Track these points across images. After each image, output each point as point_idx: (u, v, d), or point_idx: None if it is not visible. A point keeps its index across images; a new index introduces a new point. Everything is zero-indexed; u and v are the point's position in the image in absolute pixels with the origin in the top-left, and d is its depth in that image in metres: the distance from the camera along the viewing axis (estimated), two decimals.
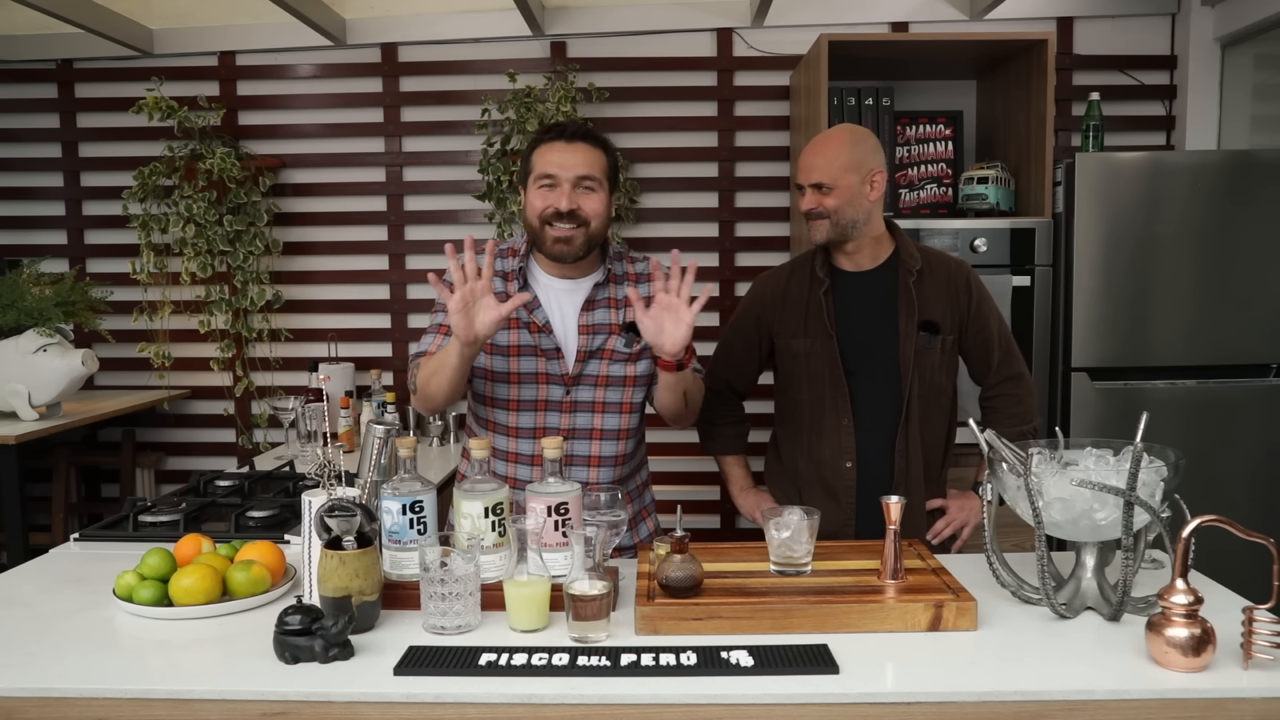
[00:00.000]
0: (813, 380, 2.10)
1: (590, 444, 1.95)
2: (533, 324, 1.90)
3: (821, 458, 2.11)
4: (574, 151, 1.85)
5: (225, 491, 2.32)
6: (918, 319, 2.05)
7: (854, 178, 2.01)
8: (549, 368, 1.91)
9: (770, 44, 3.61)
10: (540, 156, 1.87)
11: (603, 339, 1.92)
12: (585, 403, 1.93)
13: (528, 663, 1.31)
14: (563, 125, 1.90)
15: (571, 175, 1.83)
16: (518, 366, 1.91)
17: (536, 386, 1.91)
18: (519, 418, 1.93)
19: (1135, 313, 3.02)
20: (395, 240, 3.74)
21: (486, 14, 3.59)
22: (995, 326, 2.12)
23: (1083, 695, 1.26)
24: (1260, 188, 2.99)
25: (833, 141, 2.05)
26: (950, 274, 2.09)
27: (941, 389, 2.10)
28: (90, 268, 3.82)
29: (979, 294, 2.10)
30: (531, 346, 1.91)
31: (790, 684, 1.27)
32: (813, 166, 2.04)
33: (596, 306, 1.93)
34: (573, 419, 1.93)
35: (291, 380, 3.74)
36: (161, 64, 3.70)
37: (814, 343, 2.09)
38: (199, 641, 1.44)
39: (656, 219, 3.67)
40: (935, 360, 2.07)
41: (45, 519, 3.78)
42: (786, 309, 2.13)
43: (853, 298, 2.09)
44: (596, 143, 1.89)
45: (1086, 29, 3.59)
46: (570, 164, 1.84)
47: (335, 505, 1.45)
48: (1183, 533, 1.30)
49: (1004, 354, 2.13)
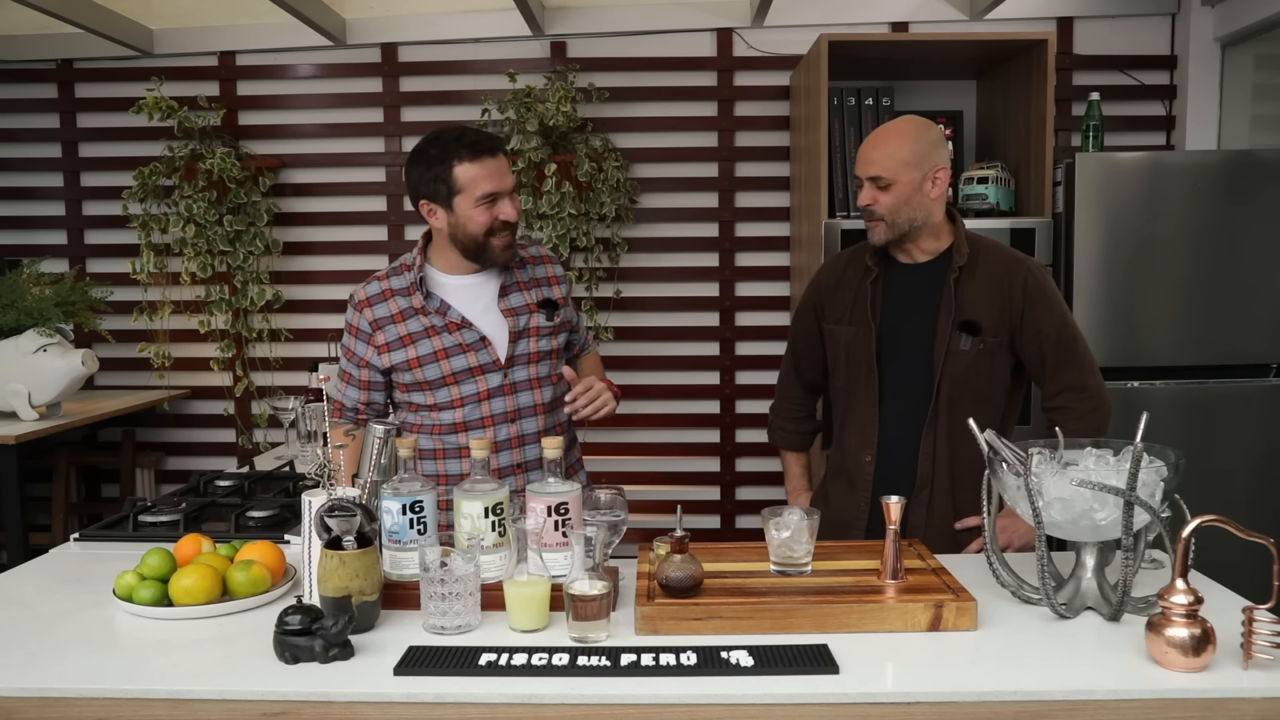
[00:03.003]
0: (849, 369, 2.07)
1: (537, 419, 2.04)
2: (450, 324, 1.98)
3: (846, 448, 2.09)
4: (500, 163, 1.94)
5: (225, 491, 2.32)
6: (955, 317, 1.97)
7: (915, 174, 1.93)
8: (480, 359, 1.99)
9: (770, 44, 3.61)
10: (471, 176, 1.90)
11: (525, 318, 2.03)
12: (523, 381, 2.03)
13: (528, 663, 1.31)
14: (476, 139, 1.92)
15: (509, 186, 1.94)
16: (450, 368, 1.98)
17: (474, 380, 2.00)
18: (465, 412, 2.01)
19: (1135, 313, 3.02)
20: (395, 240, 3.74)
21: (486, 14, 3.59)
22: (1053, 331, 1.96)
23: (1083, 695, 1.26)
24: (1260, 188, 2.98)
25: (895, 134, 1.97)
26: (1006, 272, 1.98)
27: (983, 394, 1.99)
28: (90, 268, 3.82)
29: (1036, 295, 1.96)
30: (457, 345, 1.98)
31: (790, 684, 1.27)
32: (870, 159, 1.96)
33: (511, 291, 2.04)
34: (515, 399, 2.02)
35: (291, 380, 3.74)
36: (161, 64, 3.70)
37: (855, 330, 2.06)
38: (199, 641, 1.44)
39: (656, 219, 3.67)
40: (971, 362, 1.97)
41: (45, 519, 3.78)
42: (839, 294, 2.10)
43: (900, 290, 2.04)
44: (500, 145, 1.97)
45: (1086, 29, 3.59)
46: (504, 176, 1.94)
47: (335, 505, 1.45)
48: (1183, 533, 1.30)
49: (1060, 361, 1.97)
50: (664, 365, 3.74)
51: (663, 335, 3.72)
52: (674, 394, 3.77)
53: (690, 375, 3.75)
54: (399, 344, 1.99)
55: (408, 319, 2.00)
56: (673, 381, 3.76)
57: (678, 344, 3.72)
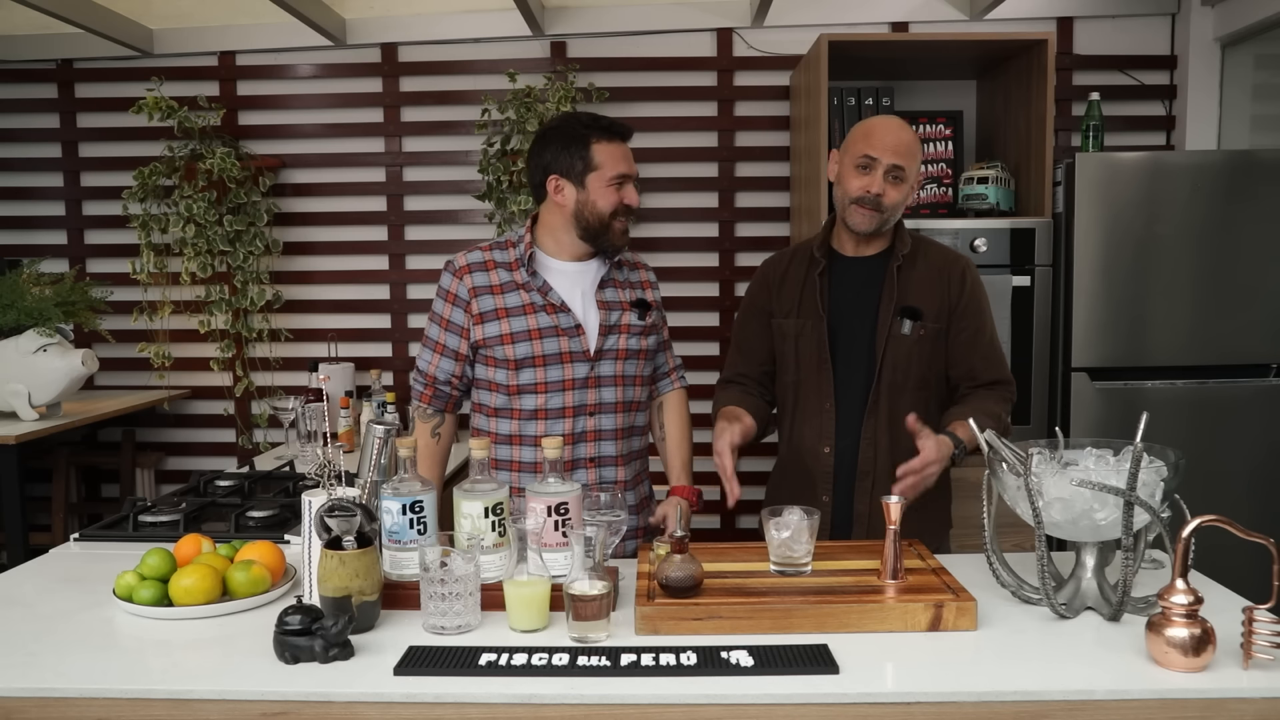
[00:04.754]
0: (800, 362, 2.07)
1: (615, 417, 2.03)
2: (549, 305, 1.97)
3: (802, 442, 2.09)
4: (629, 150, 2.02)
5: (225, 491, 2.32)
6: (897, 303, 2.00)
7: (917, 173, 2.00)
8: (571, 345, 1.97)
9: (770, 44, 3.61)
10: (609, 154, 1.97)
11: (618, 314, 2.02)
12: (609, 377, 2.01)
13: (528, 663, 1.31)
14: (618, 125, 2.00)
15: (636, 173, 2.01)
16: (541, 349, 1.96)
17: (561, 366, 1.97)
18: (546, 399, 1.98)
19: (1135, 313, 3.02)
20: (395, 240, 3.74)
21: (486, 14, 3.59)
22: (986, 327, 2.05)
23: (1083, 695, 1.26)
24: (1260, 188, 2.98)
25: (910, 129, 1.99)
26: (946, 264, 2.04)
27: (923, 381, 2.03)
28: (90, 268, 3.82)
29: (972, 292, 2.04)
30: (552, 327, 1.97)
31: (790, 684, 1.28)
32: (897, 147, 1.95)
33: (608, 285, 2.04)
34: (598, 394, 2.00)
35: (291, 380, 3.74)
36: (161, 64, 3.70)
37: (804, 324, 2.06)
38: (199, 641, 1.44)
39: (656, 219, 3.68)
40: (912, 348, 2.01)
41: (45, 519, 3.77)
42: (784, 289, 2.11)
43: (846, 281, 2.06)
44: (631, 135, 2.04)
45: (1086, 29, 3.59)
46: (633, 162, 2.01)
47: (335, 505, 1.45)
48: (1183, 533, 1.30)
49: (987, 358, 2.04)
50: None
51: None
52: None
53: (690, 375, 3.72)
54: (493, 316, 1.97)
55: (507, 292, 1.98)
56: None
57: (678, 344, 3.66)
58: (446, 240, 3.71)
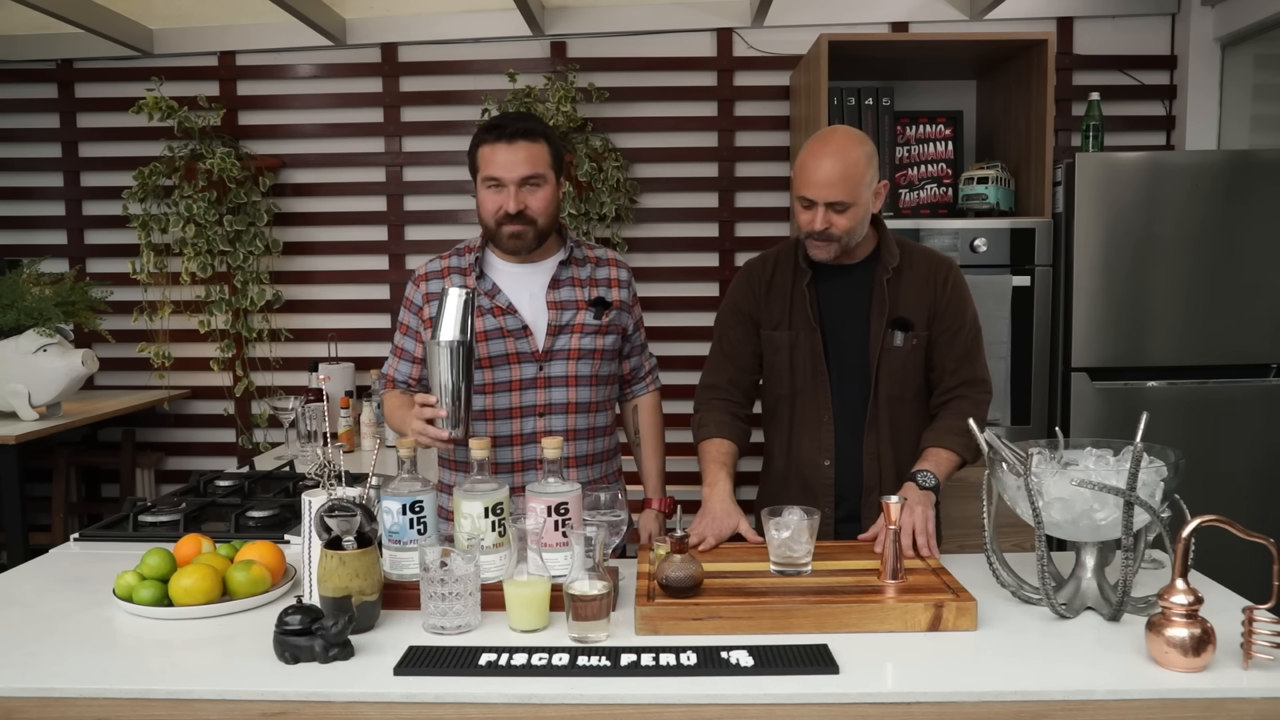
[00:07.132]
0: (795, 374, 2.04)
1: (566, 418, 2.01)
2: (496, 308, 1.98)
3: (801, 455, 2.05)
4: (514, 151, 1.88)
5: (225, 491, 2.32)
6: (889, 316, 1.98)
7: (868, 193, 1.90)
8: (518, 347, 1.98)
9: (770, 44, 3.61)
10: (484, 158, 1.91)
11: (571, 314, 2.00)
12: (559, 378, 2.00)
13: (528, 663, 1.32)
14: (502, 124, 1.91)
15: (515, 177, 1.88)
16: (487, 351, 1.97)
17: (509, 367, 1.98)
18: (494, 399, 1.98)
19: (1135, 313, 3.02)
20: (395, 240, 3.74)
21: (486, 14, 3.59)
22: (969, 328, 2.01)
23: (1083, 695, 1.26)
24: (1260, 188, 2.98)
25: (846, 152, 1.86)
26: (931, 270, 2.00)
27: (920, 390, 2.02)
28: (90, 268, 3.82)
29: (956, 293, 2.00)
30: (498, 329, 1.97)
31: (790, 684, 1.28)
32: (829, 183, 1.85)
33: (562, 285, 2.02)
34: (548, 394, 2.00)
35: (291, 380, 3.74)
36: (161, 64, 3.70)
37: (797, 335, 2.03)
38: (199, 641, 1.44)
39: (656, 219, 3.67)
40: (906, 358, 1.99)
41: (45, 519, 3.78)
42: (772, 298, 2.06)
43: (835, 291, 2.03)
44: (536, 136, 1.91)
45: (1086, 29, 3.59)
46: (513, 165, 1.88)
47: (335, 505, 1.45)
48: (1183, 533, 1.30)
49: (967, 355, 2.00)
50: (664, 365, 3.67)
51: (663, 335, 3.71)
52: (674, 394, 3.73)
53: (690, 375, 3.68)
54: None
55: None
56: (673, 382, 3.72)
57: (678, 344, 3.72)
58: (446, 240, 3.70)
